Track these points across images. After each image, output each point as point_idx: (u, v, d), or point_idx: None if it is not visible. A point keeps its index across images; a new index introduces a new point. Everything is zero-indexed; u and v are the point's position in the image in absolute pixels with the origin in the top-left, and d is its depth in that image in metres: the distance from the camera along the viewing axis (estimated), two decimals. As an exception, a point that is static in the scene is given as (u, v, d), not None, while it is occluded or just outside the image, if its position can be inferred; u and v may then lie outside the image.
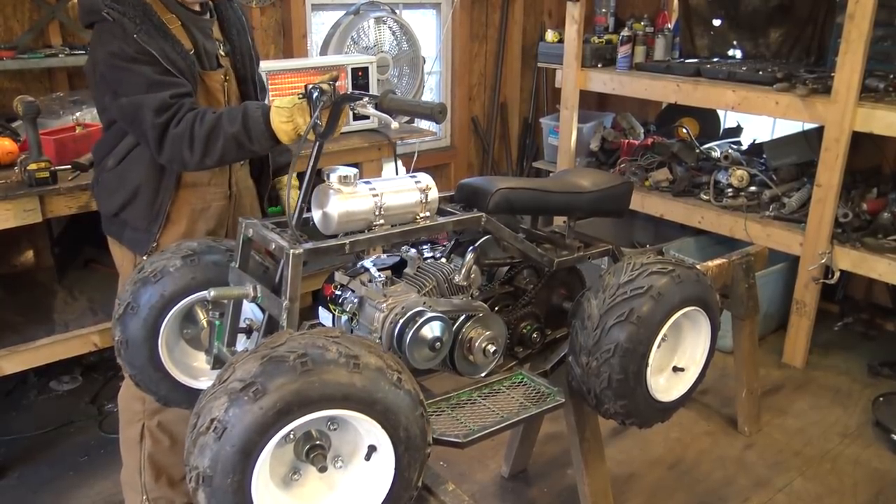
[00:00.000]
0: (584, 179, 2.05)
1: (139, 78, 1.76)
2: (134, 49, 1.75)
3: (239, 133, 1.74)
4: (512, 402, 1.73)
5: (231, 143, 1.75)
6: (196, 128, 1.75)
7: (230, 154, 1.79)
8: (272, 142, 1.75)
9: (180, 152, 1.77)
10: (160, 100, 1.75)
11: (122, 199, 1.94)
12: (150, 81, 1.76)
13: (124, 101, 1.78)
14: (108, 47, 1.76)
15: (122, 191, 1.94)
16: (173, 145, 1.77)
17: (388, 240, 1.66)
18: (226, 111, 1.78)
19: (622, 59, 3.97)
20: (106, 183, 1.97)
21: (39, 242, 3.14)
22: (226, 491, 1.19)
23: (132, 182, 1.92)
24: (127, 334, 1.69)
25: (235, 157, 1.85)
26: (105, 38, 1.77)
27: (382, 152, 3.25)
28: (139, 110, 1.76)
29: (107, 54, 1.76)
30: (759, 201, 3.57)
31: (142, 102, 1.75)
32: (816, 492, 2.63)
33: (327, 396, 1.22)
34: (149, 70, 1.77)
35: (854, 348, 3.61)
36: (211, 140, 1.75)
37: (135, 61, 1.76)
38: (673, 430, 2.95)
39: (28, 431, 2.88)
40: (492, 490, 2.64)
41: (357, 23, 3.51)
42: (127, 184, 1.93)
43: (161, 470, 2.15)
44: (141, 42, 1.75)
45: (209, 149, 1.76)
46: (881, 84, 3.12)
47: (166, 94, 1.76)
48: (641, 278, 1.78)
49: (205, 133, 1.75)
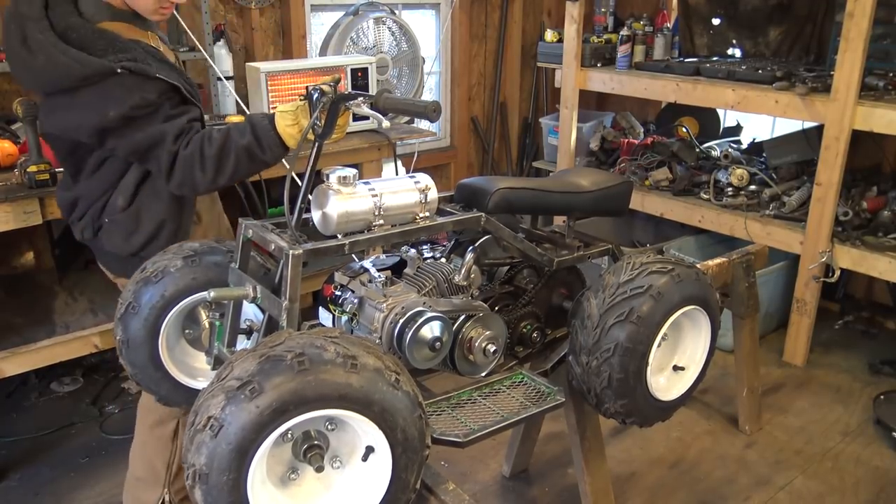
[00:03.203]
0: (584, 179, 2.05)
1: (159, 115, 1.73)
2: (156, 93, 1.71)
3: (251, 144, 1.73)
4: (512, 401, 1.73)
5: (243, 156, 1.74)
6: (206, 147, 1.73)
7: (242, 168, 1.76)
8: (282, 148, 1.74)
9: (192, 175, 1.74)
10: (179, 126, 1.73)
11: (143, 238, 1.87)
12: (167, 115, 1.74)
13: (140, 137, 1.72)
14: (129, 101, 1.68)
15: (141, 230, 1.87)
16: (184, 168, 1.74)
17: (387, 240, 1.66)
18: (232, 126, 1.77)
19: (622, 59, 3.97)
20: (120, 224, 1.87)
21: (40, 244, 3.14)
22: (221, 489, 1.19)
23: (154, 218, 1.87)
24: (128, 334, 1.69)
25: (247, 172, 1.81)
26: (115, 95, 1.68)
27: (382, 153, 3.25)
28: (160, 139, 1.72)
29: (127, 108, 1.68)
30: (759, 200, 3.57)
31: (164, 131, 1.71)
32: (818, 490, 2.63)
33: (324, 396, 1.22)
34: (167, 105, 1.74)
35: (855, 347, 3.61)
36: (223, 157, 1.73)
37: (156, 103, 1.72)
38: (674, 429, 2.95)
39: (29, 433, 2.88)
40: (493, 490, 2.64)
41: (356, 23, 3.51)
42: (147, 221, 1.86)
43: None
44: (164, 79, 1.71)
45: (221, 166, 1.74)
46: (881, 82, 3.12)
47: (184, 119, 1.75)
48: (641, 277, 1.78)
49: (216, 151, 1.72)
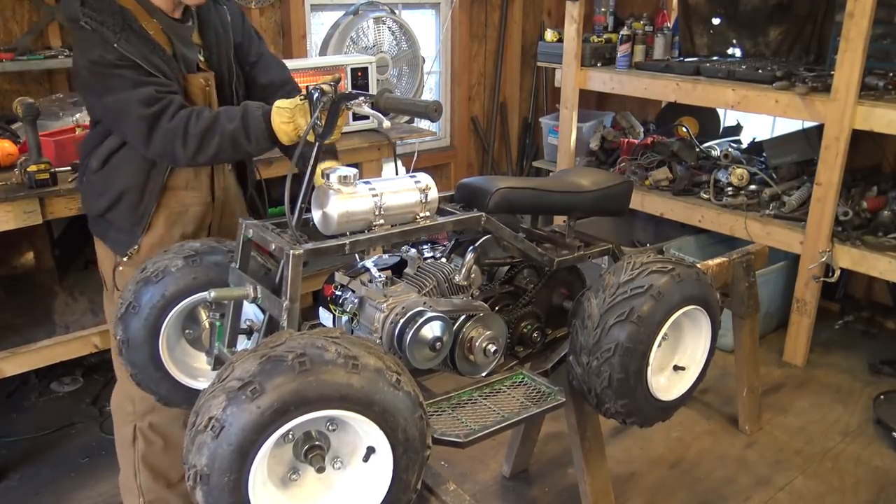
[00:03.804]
0: (584, 179, 2.05)
1: (123, 80, 1.76)
2: (115, 56, 1.75)
3: (237, 131, 1.74)
4: (513, 401, 1.73)
5: (227, 141, 1.75)
6: (191, 124, 1.75)
7: (224, 152, 1.78)
8: (270, 142, 1.75)
9: (172, 147, 1.77)
10: (146, 93, 1.75)
11: (107, 201, 1.94)
12: (135, 81, 1.76)
13: (110, 100, 1.78)
14: (89, 55, 1.75)
15: (107, 193, 1.94)
16: (165, 139, 1.76)
17: (388, 240, 1.66)
18: (223, 109, 1.78)
19: (622, 59, 3.97)
20: (92, 184, 1.97)
21: (40, 244, 3.14)
22: (222, 489, 1.19)
23: (118, 185, 1.92)
24: (128, 333, 1.69)
25: (229, 157, 1.85)
26: (85, 46, 1.76)
27: (382, 152, 3.25)
28: (126, 105, 1.76)
29: (88, 62, 1.76)
30: (759, 200, 3.57)
31: (128, 97, 1.75)
32: (818, 490, 2.63)
33: (325, 397, 1.22)
34: (131, 73, 1.77)
35: (855, 346, 3.61)
36: (207, 137, 1.75)
37: (117, 67, 1.75)
38: (674, 429, 2.94)
39: (29, 433, 2.88)
40: (493, 490, 2.64)
41: (356, 23, 3.51)
42: (112, 187, 1.93)
43: (158, 471, 2.14)
44: (122, 50, 1.74)
45: (204, 145, 1.76)
46: (881, 82, 3.12)
47: (151, 88, 1.77)
48: (642, 277, 1.77)
49: (201, 130, 1.75)
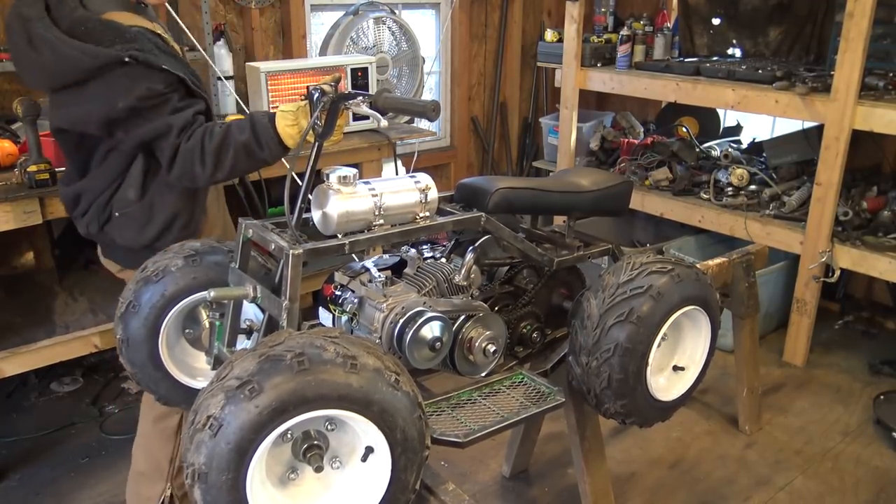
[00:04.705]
0: (584, 179, 2.05)
1: (166, 107, 1.74)
2: (163, 84, 1.73)
3: (249, 141, 1.75)
4: (512, 401, 1.73)
5: (241, 153, 1.76)
6: (206, 141, 1.75)
7: (241, 164, 1.79)
8: (281, 147, 1.76)
9: (192, 167, 1.77)
10: (185, 119, 1.75)
11: (156, 229, 1.89)
12: (174, 108, 1.76)
13: (147, 128, 1.74)
14: (135, 92, 1.69)
15: (154, 222, 1.89)
16: (184, 161, 1.76)
17: (387, 240, 1.66)
18: (233, 122, 1.79)
19: (622, 59, 3.97)
20: (132, 217, 1.89)
21: (40, 244, 3.14)
22: (220, 488, 1.19)
23: (167, 210, 1.89)
24: (128, 333, 1.69)
25: (245, 168, 1.84)
26: (122, 85, 1.69)
27: (382, 152, 3.25)
28: (166, 132, 1.73)
29: (134, 99, 1.69)
30: (759, 200, 3.57)
31: (170, 123, 1.73)
32: (817, 490, 2.63)
33: (323, 396, 1.22)
34: (174, 97, 1.76)
35: (854, 347, 3.61)
36: (222, 152, 1.76)
37: (163, 94, 1.73)
38: (673, 429, 2.94)
39: (29, 433, 2.88)
40: (493, 490, 2.64)
41: (356, 23, 3.51)
42: (160, 214, 1.89)
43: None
44: (170, 70, 1.73)
45: (220, 161, 1.76)
46: (881, 82, 3.11)
47: (190, 112, 1.77)
48: (641, 278, 1.77)
49: (215, 146, 1.75)
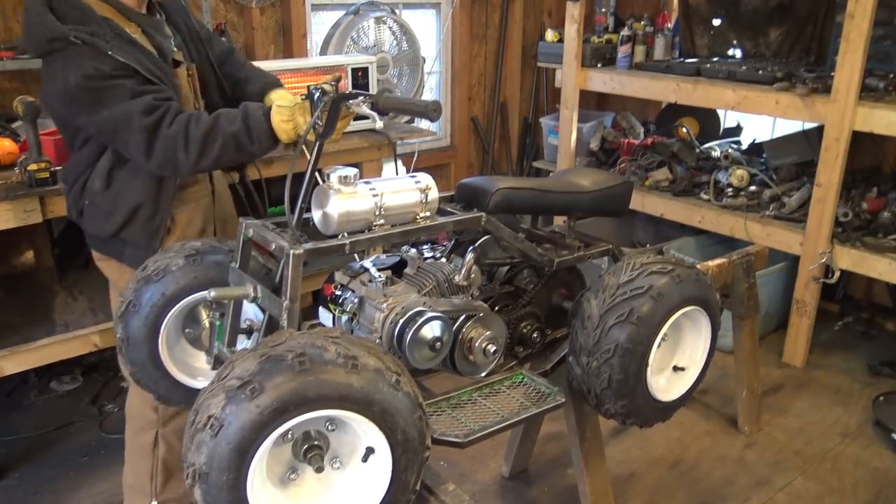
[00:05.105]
0: (584, 179, 2.05)
1: (121, 90, 1.70)
2: (111, 67, 1.69)
3: (239, 132, 1.72)
4: (512, 401, 1.73)
5: (230, 143, 1.73)
6: (192, 128, 1.72)
7: (228, 155, 1.76)
8: (272, 141, 1.75)
9: (174, 154, 1.73)
10: (145, 103, 1.70)
11: (120, 220, 1.88)
12: (133, 91, 1.71)
13: (105, 115, 1.70)
14: (82, 70, 1.67)
15: (118, 212, 1.87)
16: (166, 147, 1.72)
17: (388, 240, 1.66)
18: (223, 112, 1.76)
19: (622, 59, 3.97)
20: (98, 207, 1.89)
21: (40, 243, 3.14)
22: (221, 488, 1.19)
23: (130, 201, 1.86)
24: (128, 332, 1.69)
25: (233, 159, 1.81)
26: (74, 63, 1.67)
27: (382, 152, 3.25)
28: (124, 116, 1.69)
29: (82, 77, 1.67)
30: (759, 201, 3.57)
31: (127, 109, 1.69)
32: (817, 491, 2.63)
33: (324, 396, 1.22)
34: (130, 82, 1.72)
35: (854, 348, 3.61)
36: (209, 140, 1.72)
37: (113, 77, 1.69)
38: (673, 429, 2.94)
39: (28, 432, 2.88)
40: (492, 490, 2.64)
41: (357, 23, 3.51)
42: (123, 204, 1.86)
43: (172, 473, 2.14)
44: (118, 58, 1.69)
45: (206, 149, 1.73)
46: (881, 83, 3.11)
47: (149, 97, 1.72)
48: (641, 278, 1.78)
49: (202, 133, 1.72)
